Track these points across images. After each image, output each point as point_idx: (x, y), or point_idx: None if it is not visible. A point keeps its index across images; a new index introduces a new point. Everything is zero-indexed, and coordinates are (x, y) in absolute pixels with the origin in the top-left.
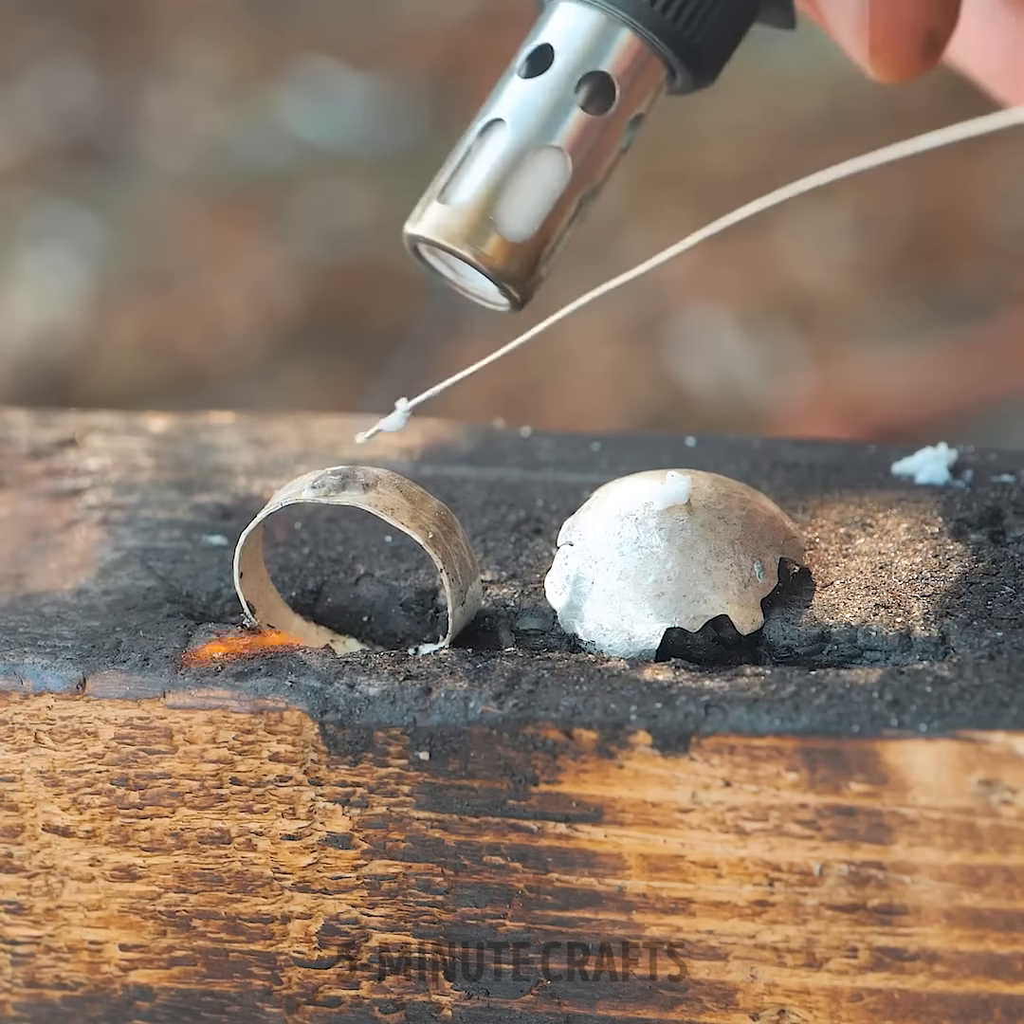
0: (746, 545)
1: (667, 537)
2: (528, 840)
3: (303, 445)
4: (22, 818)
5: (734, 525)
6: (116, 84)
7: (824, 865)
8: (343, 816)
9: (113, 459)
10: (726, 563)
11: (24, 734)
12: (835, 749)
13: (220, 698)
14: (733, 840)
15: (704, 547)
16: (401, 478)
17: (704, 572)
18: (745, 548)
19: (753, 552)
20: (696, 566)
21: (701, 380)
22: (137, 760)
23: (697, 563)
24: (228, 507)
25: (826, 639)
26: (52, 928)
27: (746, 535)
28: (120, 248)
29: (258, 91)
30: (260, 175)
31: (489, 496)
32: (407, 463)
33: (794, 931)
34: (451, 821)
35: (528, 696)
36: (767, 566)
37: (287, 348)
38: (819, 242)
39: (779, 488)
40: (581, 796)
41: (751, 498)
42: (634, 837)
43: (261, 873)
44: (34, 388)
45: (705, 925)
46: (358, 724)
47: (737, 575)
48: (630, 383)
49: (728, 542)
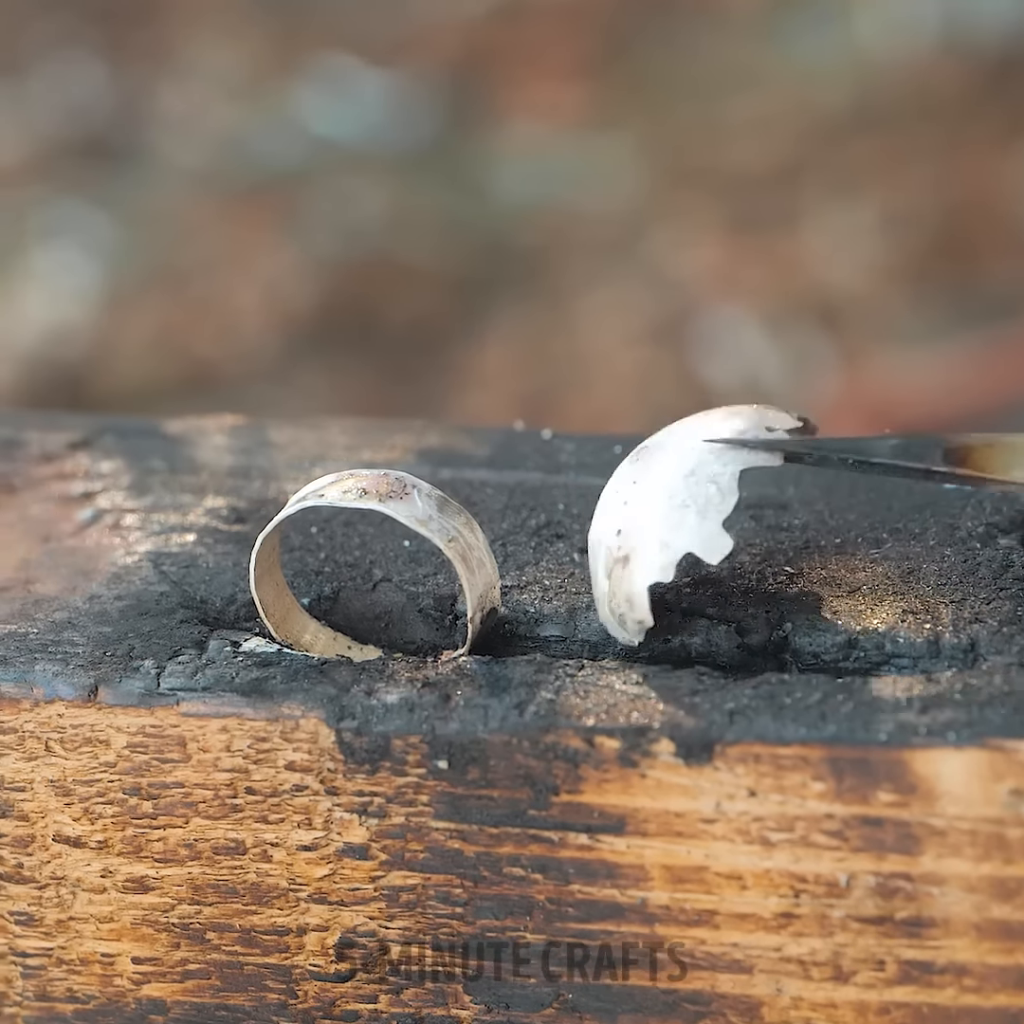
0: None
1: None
2: (549, 851)
3: (319, 448)
4: (33, 828)
5: None
6: (128, 79)
7: (851, 876)
8: (360, 826)
9: (125, 461)
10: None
11: (35, 743)
12: (862, 758)
13: (235, 705)
14: (758, 851)
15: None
16: (420, 481)
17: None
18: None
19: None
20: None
21: (726, 381)
22: (150, 769)
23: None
24: (243, 511)
25: (853, 645)
26: (64, 940)
27: None
28: (132, 246)
29: (273, 87)
30: (275, 172)
31: (509, 500)
32: (425, 466)
33: (820, 944)
34: (470, 831)
35: (549, 704)
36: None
37: (302, 348)
38: (846, 240)
39: (806, 492)
40: (603, 806)
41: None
42: (657, 848)
43: (276, 884)
44: (45, 389)
45: (730, 937)
46: (375, 732)
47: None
48: (654, 384)
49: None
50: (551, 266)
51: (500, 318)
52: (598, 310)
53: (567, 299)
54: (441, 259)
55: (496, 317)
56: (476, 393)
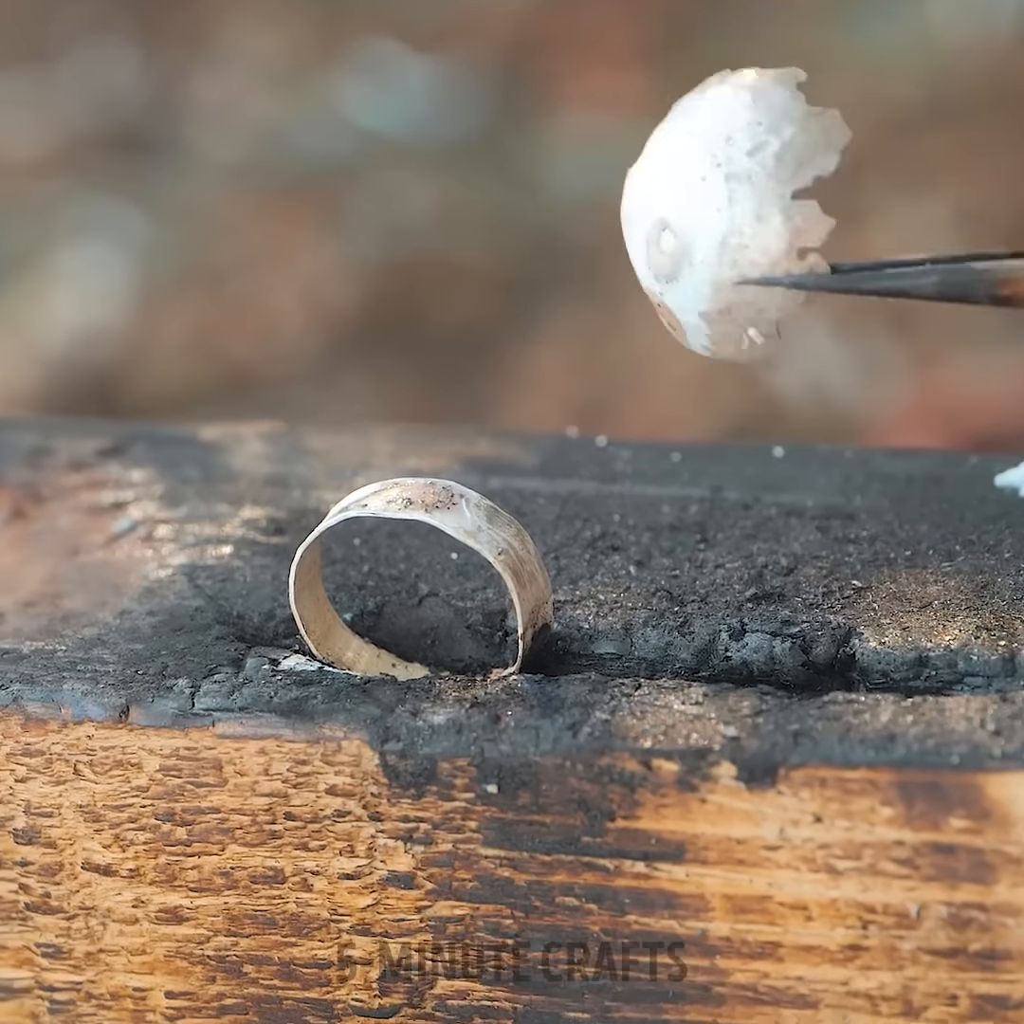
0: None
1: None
2: (604, 880)
3: (361, 455)
4: (60, 856)
5: None
6: (162, 67)
7: (922, 906)
8: (405, 854)
9: (158, 470)
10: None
11: (63, 766)
12: (933, 782)
13: (273, 726)
14: (824, 880)
15: None
16: (468, 491)
17: None
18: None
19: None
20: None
21: (790, 385)
22: (184, 794)
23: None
24: (282, 521)
25: (924, 663)
26: (93, 973)
27: None
28: (166, 244)
29: (314, 76)
30: (316, 165)
31: (562, 510)
32: (473, 475)
33: (890, 977)
34: (521, 859)
35: (604, 725)
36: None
37: (344, 351)
38: (916, 238)
39: (874, 501)
40: (661, 832)
41: None
42: (718, 876)
43: (317, 915)
44: (74, 394)
45: (794, 971)
46: (421, 754)
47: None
48: (714, 389)
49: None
50: (607, 264)
51: (553, 319)
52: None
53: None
54: (491, 257)
55: (549, 318)
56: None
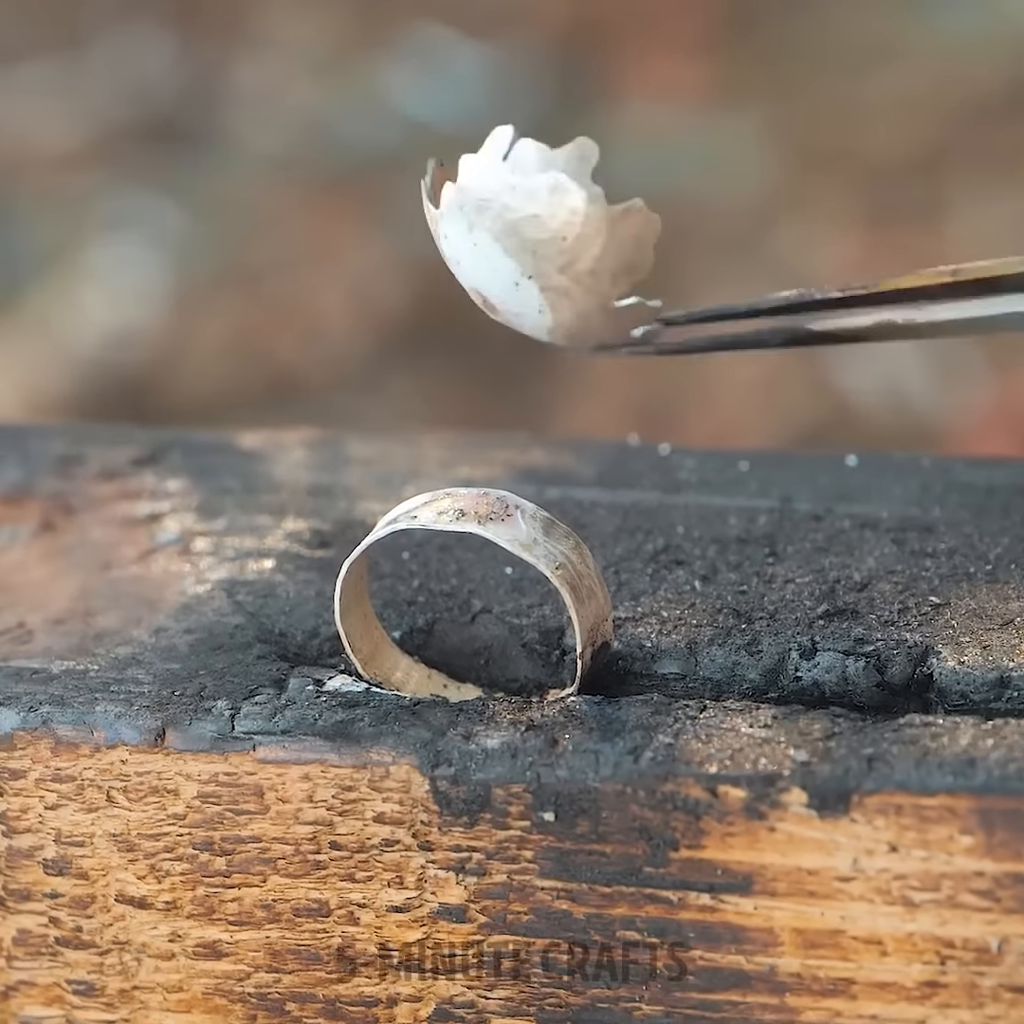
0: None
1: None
2: (667, 912)
3: (410, 464)
4: (93, 887)
5: None
6: (198, 54)
7: (1003, 941)
8: (457, 885)
9: (195, 480)
10: None
11: (95, 792)
12: (1016, 809)
13: (318, 751)
14: (900, 912)
15: None
16: (523, 501)
17: None
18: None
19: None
20: None
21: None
22: (223, 822)
23: None
24: (326, 534)
25: (1006, 684)
26: (127, 1012)
27: None
28: (204, 240)
29: (360, 62)
30: (362, 157)
31: (623, 522)
32: (529, 484)
33: (969, 1016)
34: (580, 891)
35: (667, 749)
36: None
37: (392, 353)
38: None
39: (953, 513)
40: (727, 863)
41: None
42: (787, 909)
43: (364, 950)
44: (107, 399)
45: (868, 1009)
46: (474, 780)
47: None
48: (783, 393)
49: None
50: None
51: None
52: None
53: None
54: None
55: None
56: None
